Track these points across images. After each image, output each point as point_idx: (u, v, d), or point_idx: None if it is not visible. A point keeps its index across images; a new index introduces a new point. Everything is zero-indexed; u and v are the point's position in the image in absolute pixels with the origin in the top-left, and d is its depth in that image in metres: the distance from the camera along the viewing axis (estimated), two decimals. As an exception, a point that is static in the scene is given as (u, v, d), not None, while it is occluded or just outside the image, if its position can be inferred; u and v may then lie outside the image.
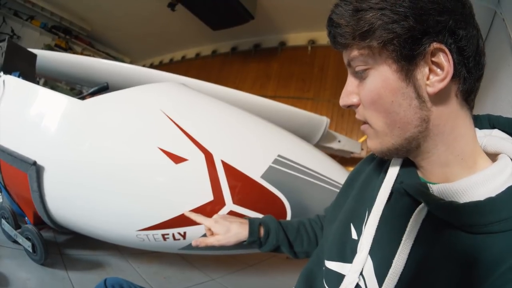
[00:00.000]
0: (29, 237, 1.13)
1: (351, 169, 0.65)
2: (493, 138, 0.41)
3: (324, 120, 2.13)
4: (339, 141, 2.47)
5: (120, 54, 6.15)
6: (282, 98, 4.06)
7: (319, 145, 2.20)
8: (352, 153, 2.61)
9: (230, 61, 5.14)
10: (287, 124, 1.61)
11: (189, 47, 5.71)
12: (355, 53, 0.40)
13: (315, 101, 4.07)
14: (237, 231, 0.70)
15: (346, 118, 3.72)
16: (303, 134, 1.78)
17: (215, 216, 0.76)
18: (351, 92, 0.43)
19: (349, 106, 0.44)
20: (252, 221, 0.71)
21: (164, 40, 5.45)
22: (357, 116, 0.44)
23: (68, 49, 5.10)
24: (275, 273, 1.69)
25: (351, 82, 0.43)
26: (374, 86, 0.40)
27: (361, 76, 0.41)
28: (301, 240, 0.71)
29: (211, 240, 0.71)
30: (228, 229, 0.70)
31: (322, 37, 4.16)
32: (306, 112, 2.09)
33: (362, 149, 2.64)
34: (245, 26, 4.05)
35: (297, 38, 4.46)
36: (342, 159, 2.74)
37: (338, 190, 0.82)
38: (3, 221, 1.23)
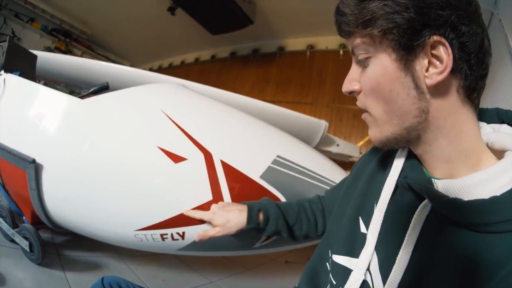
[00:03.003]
0: (27, 236, 1.12)
1: (350, 172, 0.66)
2: (500, 134, 0.40)
3: (322, 124, 2.14)
4: (337, 145, 2.48)
5: (120, 58, 6.14)
6: (281, 103, 4.04)
7: (317, 149, 2.20)
8: (350, 157, 2.62)
9: (229, 66, 5.15)
10: (285, 127, 1.61)
11: (188, 52, 5.72)
12: (357, 41, 0.42)
13: (314, 106, 4.08)
14: (237, 220, 0.72)
15: (345, 123, 3.72)
16: (301, 137, 1.78)
17: (212, 207, 0.79)
18: (353, 79, 0.45)
19: (351, 93, 0.46)
20: (251, 208, 0.73)
21: (163, 44, 5.46)
22: (357, 103, 0.47)
23: (67, 52, 5.10)
24: (273, 277, 1.68)
25: (354, 69, 0.46)
26: (373, 74, 0.42)
27: (363, 64, 0.43)
28: (300, 224, 0.73)
29: (212, 233, 0.73)
30: (227, 219, 0.73)
31: (321, 42, 4.19)
32: (304, 115, 2.10)
33: (360, 153, 2.65)
34: (244, 31, 4.06)
35: (296, 43, 4.48)
36: (341, 163, 2.74)
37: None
38: (1, 219, 1.22)
